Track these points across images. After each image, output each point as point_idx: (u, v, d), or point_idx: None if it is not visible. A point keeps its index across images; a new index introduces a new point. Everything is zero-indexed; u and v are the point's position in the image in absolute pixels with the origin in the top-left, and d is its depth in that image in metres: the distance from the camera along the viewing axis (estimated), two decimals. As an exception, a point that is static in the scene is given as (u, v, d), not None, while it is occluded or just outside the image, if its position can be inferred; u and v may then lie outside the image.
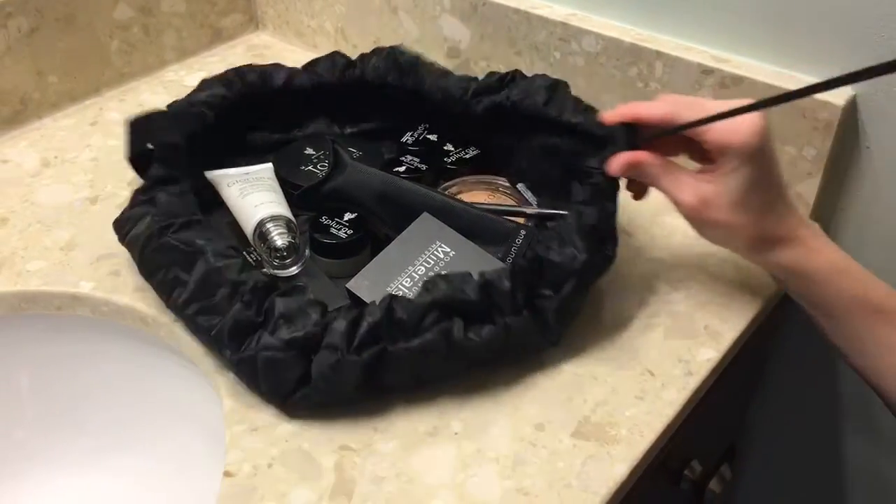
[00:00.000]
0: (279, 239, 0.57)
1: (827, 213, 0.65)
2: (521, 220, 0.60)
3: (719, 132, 0.50)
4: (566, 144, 0.59)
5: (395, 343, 0.48)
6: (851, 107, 0.60)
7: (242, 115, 0.66)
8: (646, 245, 0.63)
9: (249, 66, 0.67)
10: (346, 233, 0.58)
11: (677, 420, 0.52)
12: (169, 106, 0.63)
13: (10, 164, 0.72)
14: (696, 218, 0.53)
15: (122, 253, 0.62)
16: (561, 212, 0.58)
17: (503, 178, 0.65)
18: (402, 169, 0.64)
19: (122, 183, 0.70)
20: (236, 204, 0.60)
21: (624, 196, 0.68)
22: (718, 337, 0.56)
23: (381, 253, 0.55)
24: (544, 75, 0.62)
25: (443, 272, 0.52)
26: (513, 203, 0.63)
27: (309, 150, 0.67)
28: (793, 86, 0.60)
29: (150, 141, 0.58)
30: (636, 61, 0.66)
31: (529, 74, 0.73)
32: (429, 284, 0.50)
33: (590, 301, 0.58)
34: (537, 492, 0.46)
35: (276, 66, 0.68)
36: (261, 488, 0.46)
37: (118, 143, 0.75)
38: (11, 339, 0.62)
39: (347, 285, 0.53)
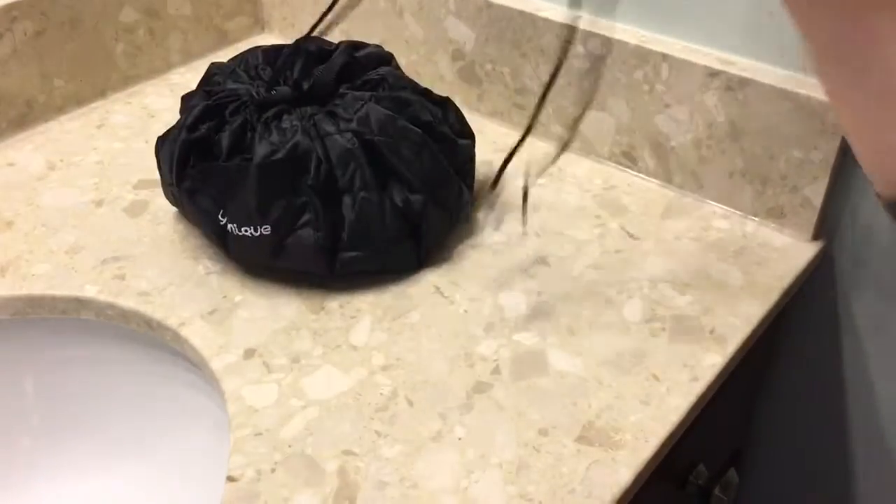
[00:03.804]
0: None
1: (834, 215, 0.64)
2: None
3: None
4: None
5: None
6: (859, 109, 0.59)
7: None
8: (652, 249, 0.63)
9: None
10: None
11: (682, 425, 0.51)
12: None
13: (15, 166, 0.73)
14: None
15: (128, 256, 0.62)
16: None
17: None
18: None
19: (128, 186, 0.70)
20: None
21: (631, 201, 0.68)
22: (724, 342, 0.56)
23: None
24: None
25: None
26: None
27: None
28: (799, 88, 0.60)
29: None
30: (641, 64, 0.66)
31: (534, 77, 0.73)
32: None
33: (593, 304, 0.58)
34: (541, 497, 0.46)
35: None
36: (264, 493, 0.46)
37: (124, 145, 0.75)
38: (16, 344, 0.62)
39: None
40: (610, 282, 0.60)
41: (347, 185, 0.57)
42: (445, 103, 0.64)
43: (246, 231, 0.57)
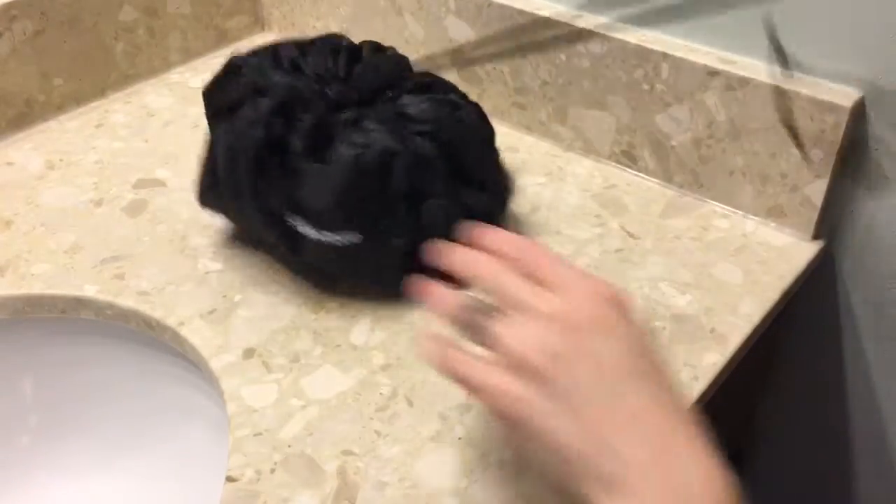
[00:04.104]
0: None
1: (835, 215, 0.64)
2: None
3: None
4: None
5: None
6: (859, 109, 0.59)
7: None
8: (652, 248, 0.63)
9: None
10: None
11: (683, 425, 0.51)
12: None
13: (14, 166, 0.72)
14: None
15: (127, 256, 0.62)
16: None
17: None
18: None
19: (127, 186, 0.70)
20: None
21: (631, 201, 0.68)
22: (724, 341, 0.55)
23: None
24: None
25: None
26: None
27: None
28: (799, 87, 0.60)
29: None
30: (642, 63, 0.66)
31: (535, 77, 0.73)
32: None
33: (595, 304, 0.58)
34: (541, 497, 0.46)
35: None
36: (263, 494, 0.46)
37: (123, 145, 0.75)
38: (15, 344, 0.62)
39: None
40: (610, 281, 0.60)
41: (428, 189, 0.56)
42: (479, 107, 0.63)
43: (325, 236, 0.55)
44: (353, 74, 0.61)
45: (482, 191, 0.59)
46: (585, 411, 0.36)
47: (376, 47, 0.64)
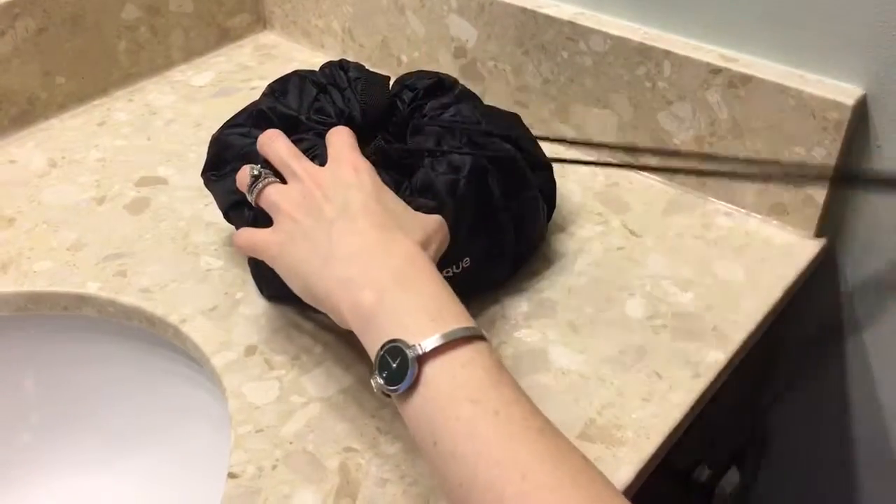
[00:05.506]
0: None
1: (837, 214, 0.64)
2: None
3: None
4: None
5: None
6: (862, 106, 0.59)
7: None
8: (654, 245, 0.63)
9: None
10: None
11: (684, 422, 0.51)
12: None
13: (17, 164, 0.73)
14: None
15: (129, 253, 0.62)
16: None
17: None
18: None
19: (129, 183, 0.70)
20: None
21: (631, 199, 0.68)
22: (727, 339, 0.55)
23: None
24: None
25: None
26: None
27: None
28: (802, 85, 0.60)
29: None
30: (644, 61, 0.66)
31: (537, 75, 0.73)
32: None
33: (595, 301, 0.58)
34: (543, 495, 0.46)
35: None
36: (265, 490, 0.46)
37: (125, 143, 0.75)
38: (17, 341, 0.62)
39: None
40: (612, 279, 0.60)
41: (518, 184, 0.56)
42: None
43: (447, 272, 0.54)
44: (347, 100, 0.58)
45: (545, 169, 0.60)
46: (322, 241, 0.45)
47: (340, 65, 0.60)
